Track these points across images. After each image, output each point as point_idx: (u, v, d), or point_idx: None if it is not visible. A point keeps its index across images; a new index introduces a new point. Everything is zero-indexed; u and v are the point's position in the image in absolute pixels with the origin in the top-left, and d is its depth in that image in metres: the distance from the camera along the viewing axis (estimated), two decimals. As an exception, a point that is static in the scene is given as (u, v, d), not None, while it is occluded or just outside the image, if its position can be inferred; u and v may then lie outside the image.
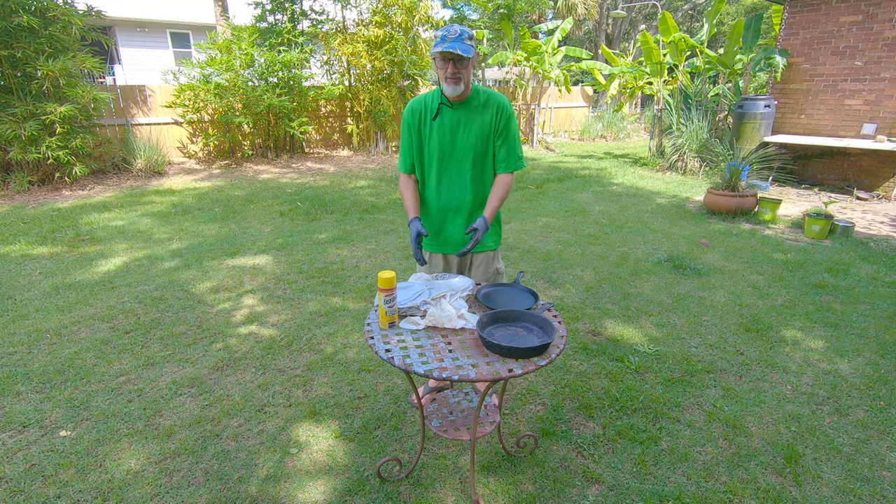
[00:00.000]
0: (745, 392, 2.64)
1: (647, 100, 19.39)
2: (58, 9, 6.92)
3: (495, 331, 1.69)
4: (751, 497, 1.97)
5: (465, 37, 1.95)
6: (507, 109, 2.12)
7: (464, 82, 2.01)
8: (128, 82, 14.73)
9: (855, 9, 7.19)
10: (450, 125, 2.12)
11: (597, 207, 6.54)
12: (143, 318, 3.43)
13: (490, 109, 2.10)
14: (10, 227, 5.45)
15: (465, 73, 1.99)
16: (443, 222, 2.26)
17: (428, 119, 2.15)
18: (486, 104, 2.10)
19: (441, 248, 2.32)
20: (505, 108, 2.11)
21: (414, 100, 2.19)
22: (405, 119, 2.19)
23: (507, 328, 1.72)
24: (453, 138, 2.13)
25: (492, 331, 1.68)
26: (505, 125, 2.12)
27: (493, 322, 1.72)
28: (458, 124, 2.12)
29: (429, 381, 2.57)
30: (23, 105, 6.71)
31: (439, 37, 1.95)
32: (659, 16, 9.66)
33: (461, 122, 2.11)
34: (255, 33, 9.13)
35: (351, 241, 5.07)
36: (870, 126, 7.25)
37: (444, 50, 1.91)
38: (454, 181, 2.19)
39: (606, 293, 3.85)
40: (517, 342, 1.62)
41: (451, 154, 2.15)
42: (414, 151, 2.21)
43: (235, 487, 2.00)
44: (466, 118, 2.11)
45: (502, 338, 1.65)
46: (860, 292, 3.89)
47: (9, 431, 2.31)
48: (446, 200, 2.22)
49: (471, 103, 2.10)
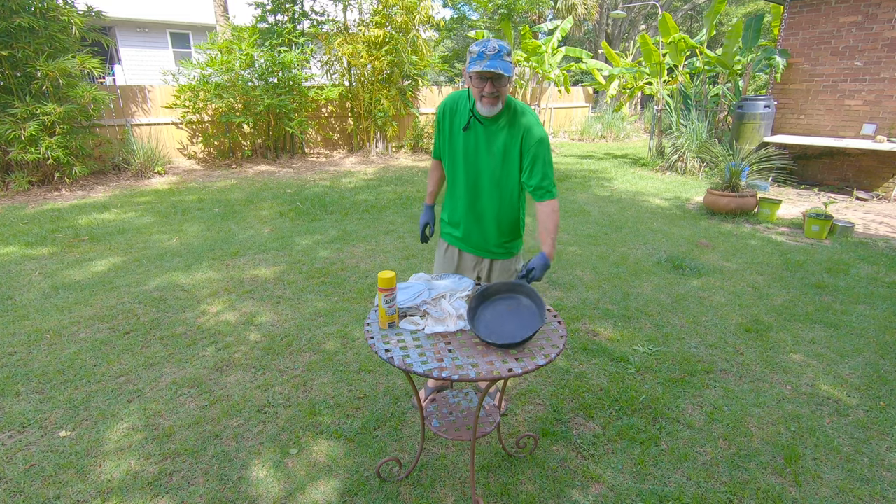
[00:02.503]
0: (745, 392, 2.64)
1: (646, 100, 19.39)
2: (58, 9, 6.92)
3: (484, 312, 1.73)
4: (751, 497, 1.97)
5: (503, 53, 1.81)
6: (528, 133, 1.95)
7: (501, 101, 1.90)
8: (128, 82, 14.74)
9: (855, 9, 7.19)
10: (475, 140, 2.03)
11: (596, 208, 6.54)
12: (142, 318, 3.43)
13: (518, 130, 1.96)
14: (9, 228, 5.45)
15: (503, 93, 1.88)
16: (466, 222, 2.22)
17: (458, 125, 2.06)
18: (513, 123, 1.97)
19: (459, 243, 2.29)
20: (531, 132, 1.95)
21: (449, 97, 2.09)
22: (438, 114, 2.12)
23: (496, 305, 1.75)
24: (477, 153, 2.05)
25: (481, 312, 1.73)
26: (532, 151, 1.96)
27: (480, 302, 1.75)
28: (484, 140, 2.02)
29: (428, 382, 2.56)
30: (23, 105, 6.70)
31: (475, 53, 1.82)
32: (659, 16, 9.67)
33: (489, 138, 2.01)
34: (255, 34, 9.13)
35: (351, 241, 5.07)
36: (869, 126, 7.25)
37: (484, 70, 1.78)
38: (477, 191, 2.11)
39: (606, 293, 3.85)
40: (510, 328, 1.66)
41: (475, 166, 2.07)
42: (443, 147, 2.16)
43: (235, 487, 2.00)
44: (493, 134, 2.00)
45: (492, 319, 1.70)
46: (860, 292, 3.89)
47: (9, 432, 2.31)
48: (468, 205, 2.16)
49: (499, 120, 1.98)
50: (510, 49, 1.87)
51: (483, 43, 1.84)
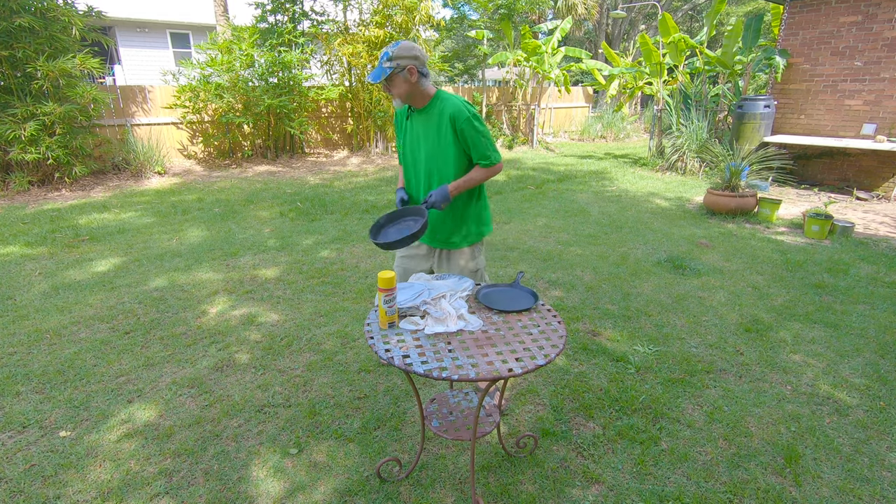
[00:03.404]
0: (745, 392, 2.64)
1: (646, 100, 19.39)
2: (58, 9, 6.92)
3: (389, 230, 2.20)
4: (751, 497, 1.97)
5: (384, 59, 2.09)
6: (457, 121, 2.16)
7: (401, 98, 2.17)
8: (128, 82, 14.74)
9: (855, 9, 7.19)
10: (414, 130, 2.30)
11: (596, 208, 6.55)
12: (142, 318, 3.43)
13: (444, 120, 2.18)
14: (9, 228, 5.45)
15: (396, 91, 2.14)
16: None
17: (403, 119, 2.34)
18: (440, 114, 2.19)
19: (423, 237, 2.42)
20: (455, 119, 2.16)
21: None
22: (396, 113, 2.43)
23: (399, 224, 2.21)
24: (417, 142, 2.30)
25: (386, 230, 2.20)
26: (461, 133, 2.18)
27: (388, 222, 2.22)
28: (421, 130, 2.27)
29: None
30: (23, 105, 6.71)
31: None
32: (659, 16, 9.67)
33: (423, 128, 2.26)
34: (255, 34, 9.14)
35: (351, 241, 5.07)
36: (869, 126, 7.25)
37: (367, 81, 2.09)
38: (422, 179, 2.32)
39: (606, 293, 3.85)
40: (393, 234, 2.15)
41: (419, 155, 2.30)
42: (398, 143, 2.42)
43: (235, 487, 2.00)
44: (426, 125, 2.24)
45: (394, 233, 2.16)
46: (860, 292, 3.89)
47: (9, 432, 2.31)
48: (420, 195, 2.35)
49: (428, 111, 2.23)
50: (391, 53, 2.09)
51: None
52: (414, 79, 2.12)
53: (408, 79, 2.12)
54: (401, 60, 2.08)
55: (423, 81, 2.16)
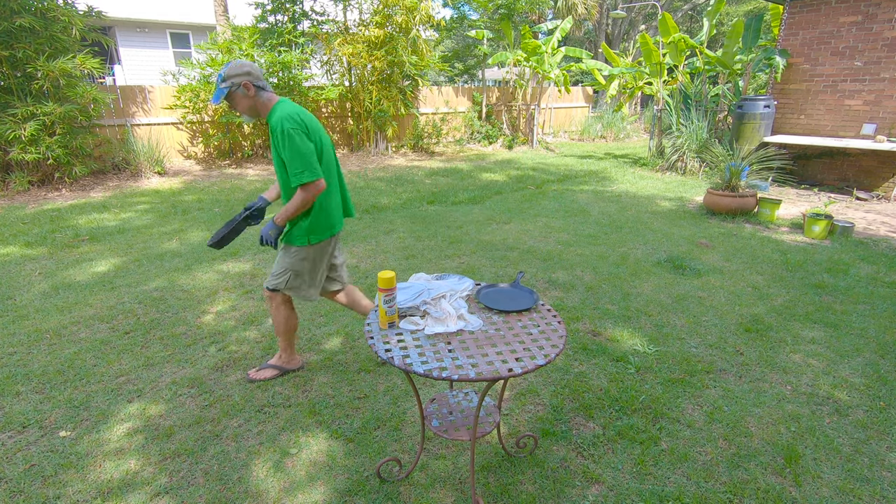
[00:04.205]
0: (745, 392, 2.64)
1: (646, 100, 19.39)
2: (58, 9, 6.92)
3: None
4: (751, 497, 1.97)
5: (218, 81, 2.23)
6: (275, 134, 2.23)
7: (246, 113, 2.32)
8: (128, 82, 14.74)
9: (855, 9, 7.19)
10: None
11: (596, 208, 6.55)
12: (142, 318, 3.43)
13: (272, 133, 2.27)
14: (9, 228, 5.45)
15: (239, 108, 2.30)
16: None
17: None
18: (272, 126, 2.27)
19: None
20: (273, 131, 2.24)
21: None
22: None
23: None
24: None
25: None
26: (278, 148, 2.26)
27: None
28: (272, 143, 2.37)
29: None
30: (23, 105, 6.71)
31: None
32: (659, 16, 9.67)
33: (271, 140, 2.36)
34: (255, 34, 9.14)
35: (351, 241, 5.07)
36: (869, 126, 7.25)
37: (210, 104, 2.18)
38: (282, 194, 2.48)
39: (606, 293, 3.85)
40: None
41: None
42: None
43: (235, 487, 2.00)
44: (271, 137, 2.32)
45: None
46: (860, 292, 3.89)
47: (9, 432, 2.31)
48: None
49: (269, 123, 2.33)
50: (223, 74, 2.23)
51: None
52: (251, 93, 2.27)
53: (246, 94, 2.26)
54: (234, 79, 2.22)
55: (262, 94, 2.29)
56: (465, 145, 12.75)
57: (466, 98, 13.18)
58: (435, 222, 5.79)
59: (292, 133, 2.21)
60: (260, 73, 2.30)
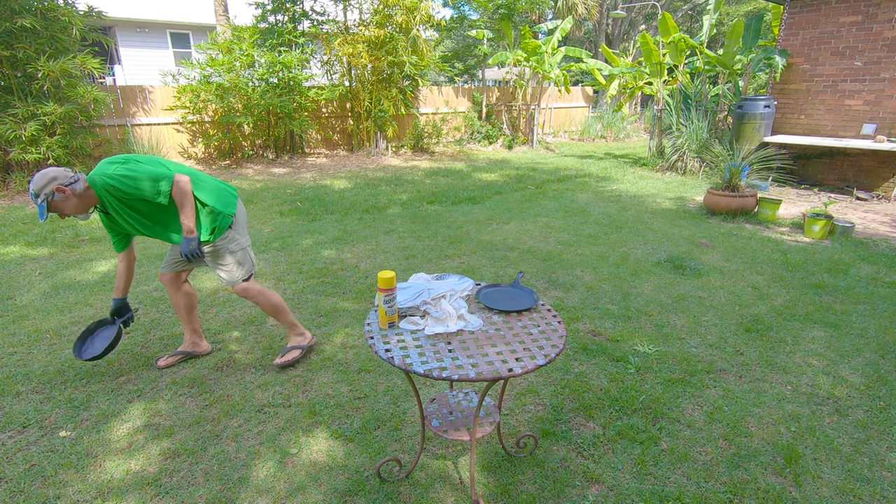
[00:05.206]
0: (745, 392, 2.64)
1: (646, 100, 19.39)
2: (59, 9, 6.93)
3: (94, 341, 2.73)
4: (751, 497, 1.97)
5: (34, 200, 2.22)
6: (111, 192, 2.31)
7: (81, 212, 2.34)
8: (128, 82, 14.74)
9: (855, 9, 7.19)
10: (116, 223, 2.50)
11: (597, 208, 6.55)
12: (142, 318, 3.43)
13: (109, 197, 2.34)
14: (9, 228, 5.45)
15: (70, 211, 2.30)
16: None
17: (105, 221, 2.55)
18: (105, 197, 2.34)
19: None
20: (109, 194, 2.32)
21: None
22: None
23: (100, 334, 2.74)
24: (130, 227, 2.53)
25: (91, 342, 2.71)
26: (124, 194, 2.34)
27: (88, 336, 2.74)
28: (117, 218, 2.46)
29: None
30: (23, 105, 6.71)
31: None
32: (659, 16, 9.67)
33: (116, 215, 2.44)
34: (255, 34, 9.14)
35: (351, 241, 5.07)
36: (869, 126, 7.25)
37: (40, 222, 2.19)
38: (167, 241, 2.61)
39: (606, 293, 3.85)
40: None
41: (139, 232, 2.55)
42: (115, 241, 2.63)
43: (235, 488, 2.00)
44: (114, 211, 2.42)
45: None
46: (860, 292, 3.89)
47: (9, 432, 2.31)
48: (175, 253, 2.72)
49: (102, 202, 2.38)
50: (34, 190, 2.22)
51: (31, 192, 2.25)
52: (69, 192, 2.25)
53: (67, 198, 2.26)
54: (45, 190, 2.20)
55: (78, 187, 2.28)
56: (465, 145, 12.75)
57: (466, 98, 13.18)
58: (435, 222, 5.79)
59: (118, 174, 2.29)
60: (66, 173, 2.28)
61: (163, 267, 2.75)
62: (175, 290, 2.76)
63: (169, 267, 2.73)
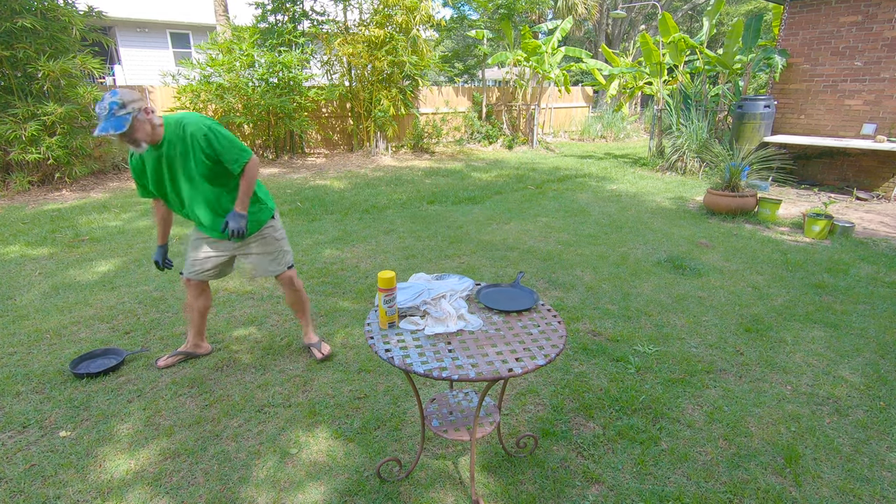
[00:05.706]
0: (745, 392, 2.64)
1: (646, 100, 19.40)
2: (59, 9, 6.93)
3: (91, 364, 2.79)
4: (751, 497, 1.97)
5: (115, 108, 2.06)
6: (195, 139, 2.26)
7: (146, 141, 2.20)
8: (128, 82, 14.73)
9: (855, 9, 7.19)
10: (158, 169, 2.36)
11: (597, 208, 6.55)
12: (142, 318, 3.43)
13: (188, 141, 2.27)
14: (9, 228, 5.45)
15: (140, 135, 2.16)
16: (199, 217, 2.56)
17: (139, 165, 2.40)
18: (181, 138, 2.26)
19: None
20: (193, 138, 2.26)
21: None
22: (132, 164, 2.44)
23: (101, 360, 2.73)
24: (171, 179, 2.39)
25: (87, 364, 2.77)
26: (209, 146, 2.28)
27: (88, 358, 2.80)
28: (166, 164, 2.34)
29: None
30: (24, 105, 6.71)
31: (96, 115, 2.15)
32: (659, 16, 9.67)
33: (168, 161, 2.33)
34: (255, 34, 9.13)
35: (351, 241, 5.07)
36: (869, 126, 7.25)
37: (98, 134, 2.04)
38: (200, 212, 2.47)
39: (606, 293, 3.84)
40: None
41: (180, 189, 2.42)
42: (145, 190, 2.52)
43: (235, 488, 2.00)
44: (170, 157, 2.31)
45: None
46: (860, 292, 3.89)
47: (9, 432, 2.31)
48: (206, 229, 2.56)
49: (164, 143, 2.28)
50: (120, 101, 2.07)
51: (99, 104, 2.09)
52: (151, 117, 2.19)
53: (146, 122, 2.17)
54: (135, 104, 2.12)
55: (155, 117, 2.23)
56: (465, 145, 12.75)
57: (466, 98, 13.18)
58: (435, 222, 5.79)
59: (217, 127, 2.29)
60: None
61: (188, 273, 2.69)
62: (197, 295, 2.77)
63: (199, 275, 2.69)
